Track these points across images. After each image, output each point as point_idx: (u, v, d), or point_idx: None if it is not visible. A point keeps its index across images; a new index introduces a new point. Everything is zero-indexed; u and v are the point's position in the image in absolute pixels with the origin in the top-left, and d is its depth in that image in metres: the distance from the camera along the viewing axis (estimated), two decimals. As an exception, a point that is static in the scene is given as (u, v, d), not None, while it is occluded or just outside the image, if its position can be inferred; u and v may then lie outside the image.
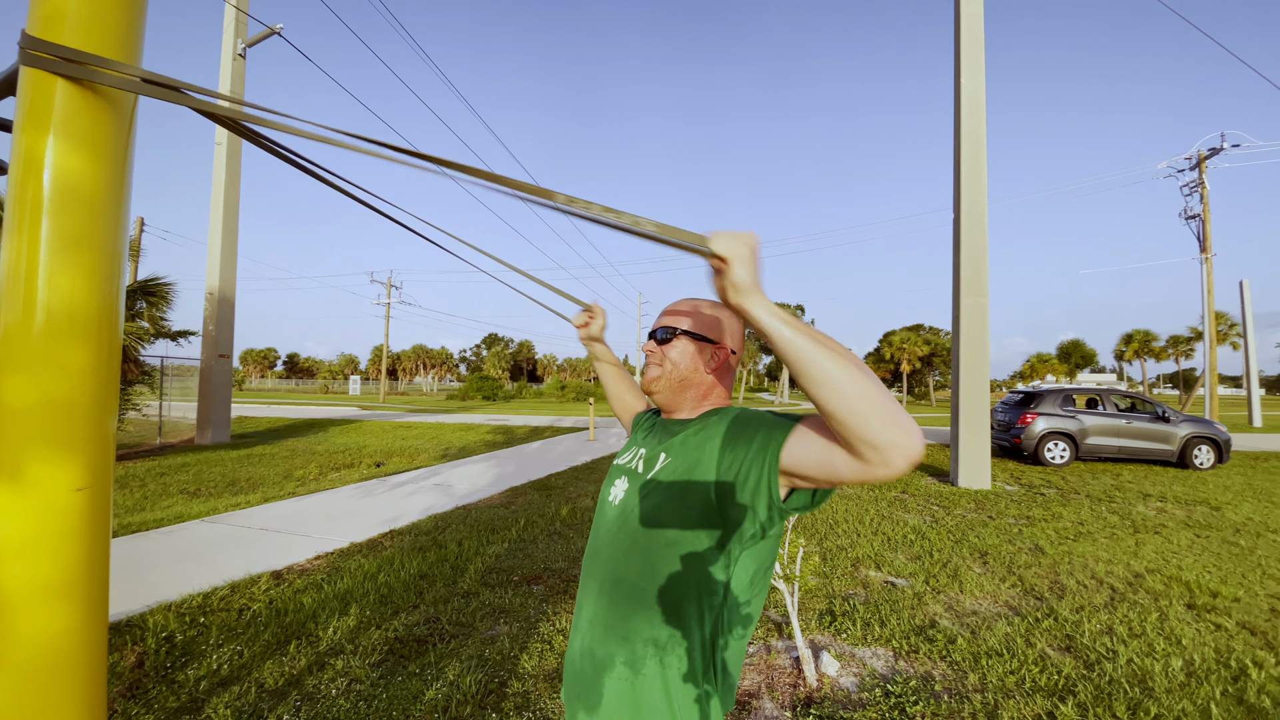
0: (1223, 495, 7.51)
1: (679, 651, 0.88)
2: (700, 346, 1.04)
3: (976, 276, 8.33)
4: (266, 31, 12.49)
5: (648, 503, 0.94)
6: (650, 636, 0.89)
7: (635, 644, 0.90)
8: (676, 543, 0.89)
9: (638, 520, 0.94)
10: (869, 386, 0.68)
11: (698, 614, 0.88)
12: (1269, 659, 3.01)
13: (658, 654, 0.88)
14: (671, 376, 1.04)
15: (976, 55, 8.51)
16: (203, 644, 2.97)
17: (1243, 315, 24.03)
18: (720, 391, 1.07)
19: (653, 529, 0.92)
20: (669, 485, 0.93)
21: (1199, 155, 22.80)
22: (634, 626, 0.90)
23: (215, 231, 12.98)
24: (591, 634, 0.95)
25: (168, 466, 9.14)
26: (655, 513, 0.92)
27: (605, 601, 0.95)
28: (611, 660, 0.91)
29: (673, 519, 0.90)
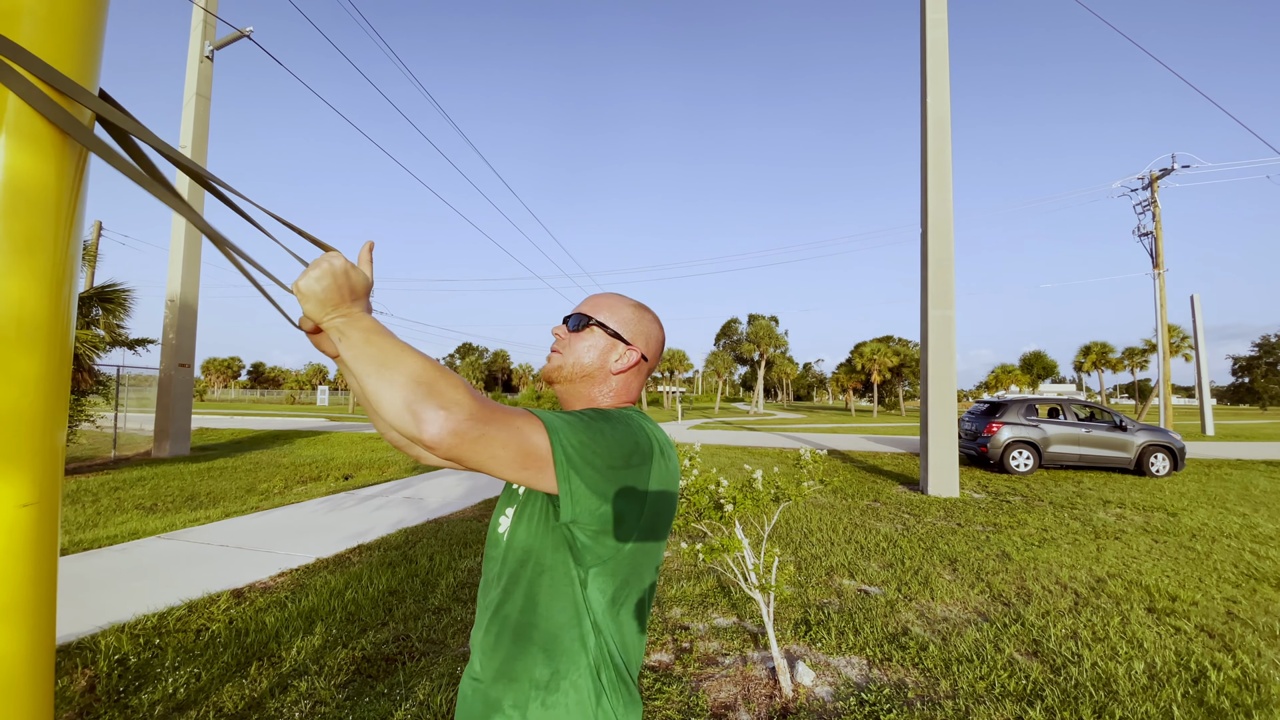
0: (1178, 502, 7.79)
1: (564, 687, 0.84)
2: (611, 343, 1.00)
3: (943, 290, 8.55)
4: (236, 34, 12.26)
5: (523, 530, 0.89)
6: (533, 678, 0.85)
7: (522, 685, 0.85)
8: (549, 569, 0.85)
9: (517, 550, 0.89)
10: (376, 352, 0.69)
11: (580, 642, 0.85)
12: (1227, 661, 3.12)
13: (540, 695, 0.84)
14: (574, 368, 0.99)
15: (941, 78, 8.80)
16: (158, 666, 2.83)
17: (1194, 328, 25.13)
18: (619, 393, 1.00)
19: (527, 558, 0.87)
20: (538, 507, 0.88)
21: (1151, 175, 23.89)
22: (519, 667, 0.86)
23: (177, 236, 12.60)
24: (482, 671, 0.90)
25: (122, 480, 8.77)
26: (528, 539, 0.88)
27: (492, 640, 0.89)
28: (499, 703, 0.86)
29: (541, 543, 0.86)
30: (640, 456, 0.85)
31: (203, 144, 12.79)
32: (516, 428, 0.74)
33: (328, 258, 0.75)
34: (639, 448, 0.85)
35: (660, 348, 1.06)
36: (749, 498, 2.92)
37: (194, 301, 12.74)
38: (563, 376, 1.00)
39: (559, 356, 1.01)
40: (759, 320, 53.89)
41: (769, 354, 54.36)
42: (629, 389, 1.02)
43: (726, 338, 58.45)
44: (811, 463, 3.23)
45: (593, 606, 0.85)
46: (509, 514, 0.95)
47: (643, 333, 1.02)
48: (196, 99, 12.57)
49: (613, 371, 0.99)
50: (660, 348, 1.06)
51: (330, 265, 0.74)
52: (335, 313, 0.73)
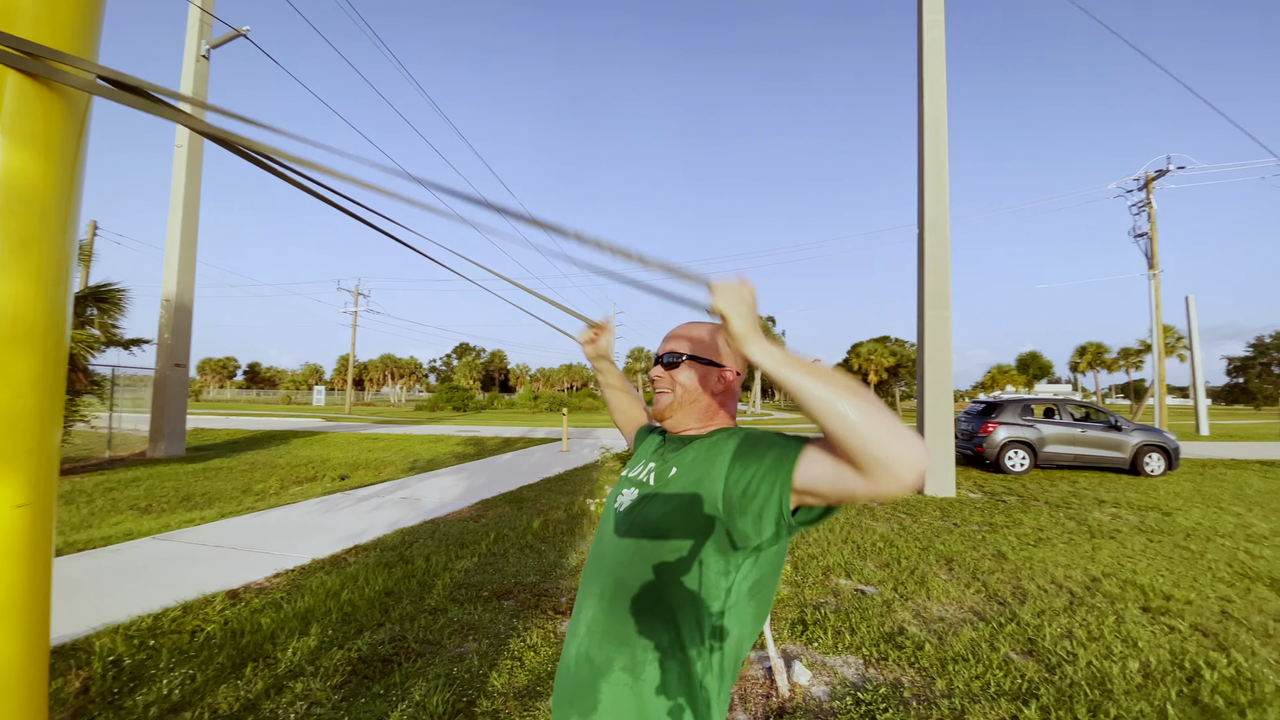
0: (1173, 501, 7.83)
1: (680, 656, 0.89)
2: (705, 370, 1.08)
3: (940, 290, 8.58)
4: (232, 33, 12.22)
5: (655, 511, 0.97)
6: (651, 641, 0.90)
7: (635, 649, 0.91)
8: (680, 550, 0.92)
9: (644, 527, 0.97)
10: (866, 409, 0.73)
11: (699, 620, 0.90)
12: (1221, 660, 3.14)
13: (658, 658, 0.89)
14: (682, 400, 1.08)
15: (938, 79, 8.82)
16: (152, 668, 2.82)
17: (1189, 329, 25.24)
18: (731, 410, 1.11)
19: (658, 537, 0.94)
20: (677, 496, 0.96)
21: (1147, 176, 23.99)
22: (635, 631, 0.92)
23: (173, 236, 12.56)
24: (589, 639, 0.96)
25: (117, 481, 8.74)
26: (663, 521, 0.95)
27: (606, 606, 0.96)
28: (610, 665, 0.92)
29: (679, 528, 0.93)
30: None
31: (199, 142, 12.75)
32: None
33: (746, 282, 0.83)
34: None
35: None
36: (746, 498, 2.92)
37: (189, 301, 12.70)
38: (674, 410, 1.10)
39: (667, 395, 1.10)
40: (756, 320, 53.92)
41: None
42: (734, 403, 1.13)
43: (723, 338, 58.52)
44: (808, 463, 3.23)
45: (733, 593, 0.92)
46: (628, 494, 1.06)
47: (726, 352, 1.10)
48: (192, 98, 12.50)
49: (714, 393, 1.09)
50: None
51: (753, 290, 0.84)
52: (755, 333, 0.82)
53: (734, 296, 0.81)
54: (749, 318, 0.81)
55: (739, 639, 0.94)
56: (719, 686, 0.91)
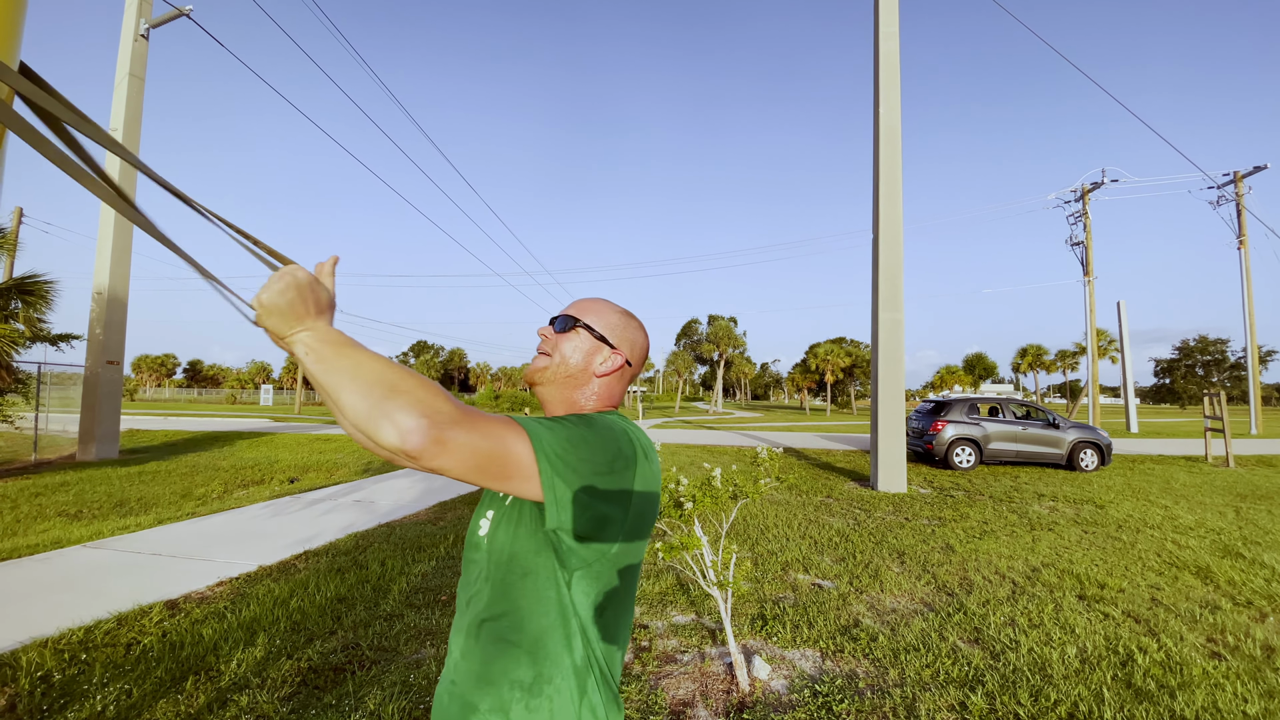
0: (1106, 494, 8.29)
1: (548, 691, 0.84)
2: (597, 346, 1.00)
3: (893, 293, 8.85)
4: (173, 13, 11.59)
5: (505, 533, 0.89)
6: (514, 678, 0.84)
7: (501, 688, 0.84)
8: (532, 571, 0.85)
9: (498, 553, 0.89)
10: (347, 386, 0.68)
11: (565, 644, 0.85)
12: (1152, 645, 3.33)
13: (524, 697, 0.83)
14: (558, 370, 0.99)
15: (893, 89, 9.10)
16: (85, 683, 2.65)
17: (1120, 332, 26.76)
18: (601, 397, 1.01)
19: (510, 561, 0.87)
20: (522, 508, 0.87)
21: (1083, 188, 25.35)
22: (498, 669, 0.85)
23: (106, 224, 11.84)
24: (459, 674, 0.89)
25: (44, 486, 8.18)
26: (511, 543, 0.87)
27: (470, 643, 0.89)
28: (476, 708, 0.85)
29: (525, 546, 0.86)
30: (624, 461, 0.85)
31: (135, 126, 12.06)
32: (499, 435, 0.73)
33: (290, 271, 0.74)
34: (621, 452, 0.85)
35: (644, 354, 1.07)
36: (708, 495, 2.95)
37: (124, 294, 12.00)
38: (547, 378, 1.00)
39: (545, 358, 1.01)
40: (719, 321, 54.56)
41: (728, 354, 55.10)
42: (611, 393, 1.03)
43: (687, 338, 58.92)
44: (768, 460, 3.29)
45: (578, 609, 0.86)
46: (489, 516, 0.95)
47: (628, 338, 1.03)
48: (129, 79, 11.84)
49: (596, 374, 1.00)
50: (644, 354, 1.07)
51: (294, 278, 0.73)
52: (299, 326, 0.73)
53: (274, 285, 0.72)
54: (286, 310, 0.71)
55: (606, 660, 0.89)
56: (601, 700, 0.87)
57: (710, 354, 55.51)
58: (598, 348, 1.01)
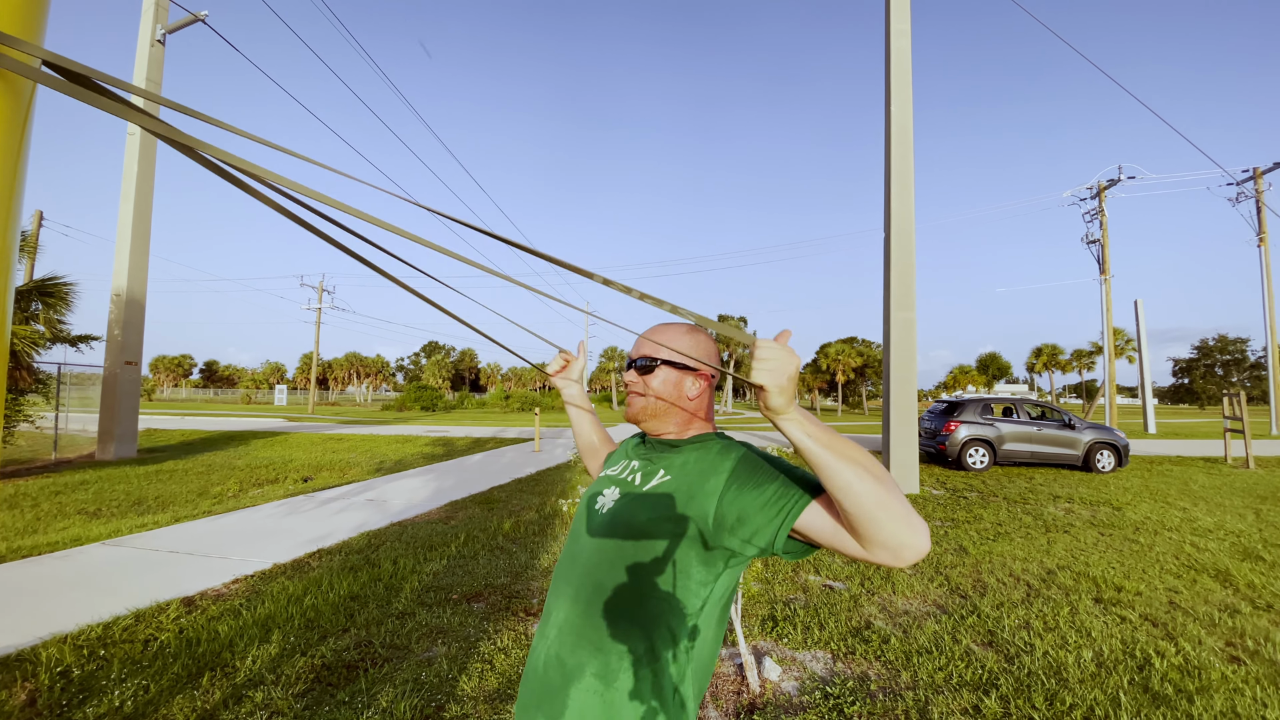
0: (1123, 496, 8.18)
1: (654, 664, 0.88)
2: (680, 375, 1.06)
3: (905, 293, 8.78)
4: (189, 18, 11.76)
5: (640, 514, 0.95)
6: (627, 648, 0.89)
7: (610, 655, 0.89)
8: (664, 557, 0.91)
9: (627, 529, 0.95)
10: (884, 495, 0.74)
11: (676, 628, 0.89)
12: (1170, 649, 3.28)
13: (633, 666, 0.88)
14: (656, 407, 1.06)
15: (904, 87, 9.02)
16: (103, 679, 2.70)
17: (1137, 331, 26.36)
18: (707, 416, 1.09)
19: (642, 540, 0.93)
20: (667, 501, 0.94)
21: (1099, 186, 25.00)
22: (610, 636, 0.90)
23: (125, 227, 12.02)
24: (560, 641, 0.94)
25: (64, 484, 8.33)
26: (649, 526, 0.93)
27: (580, 609, 0.93)
28: (582, 670, 0.90)
29: (665, 534, 0.92)
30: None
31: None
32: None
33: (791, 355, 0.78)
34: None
35: (719, 357, 1.13)
36: (717, 497, 2.94)
37: (141, 296, 12.18)
38: (649, 415, 1.07)
39: (640, 400, 1.08)
40: (729, 320, 54.44)
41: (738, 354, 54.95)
42: (709, 408, 1.11)
43: (695, 338, 58.80)
44: (779, 461, 3.27)
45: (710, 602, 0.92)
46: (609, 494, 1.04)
47: (703, 354, 1.09)
48: (146, 84, 12.02)
49: (690, 398, 1.07)
50: (719, 357, 1.13)
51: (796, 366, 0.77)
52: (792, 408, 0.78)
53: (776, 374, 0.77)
54: (788, 392, 0.78)
55: (711, 646, 0.94)
56: (693, 694, 0.91)
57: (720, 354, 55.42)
58: (683, 376, 1.07)
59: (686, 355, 1.06)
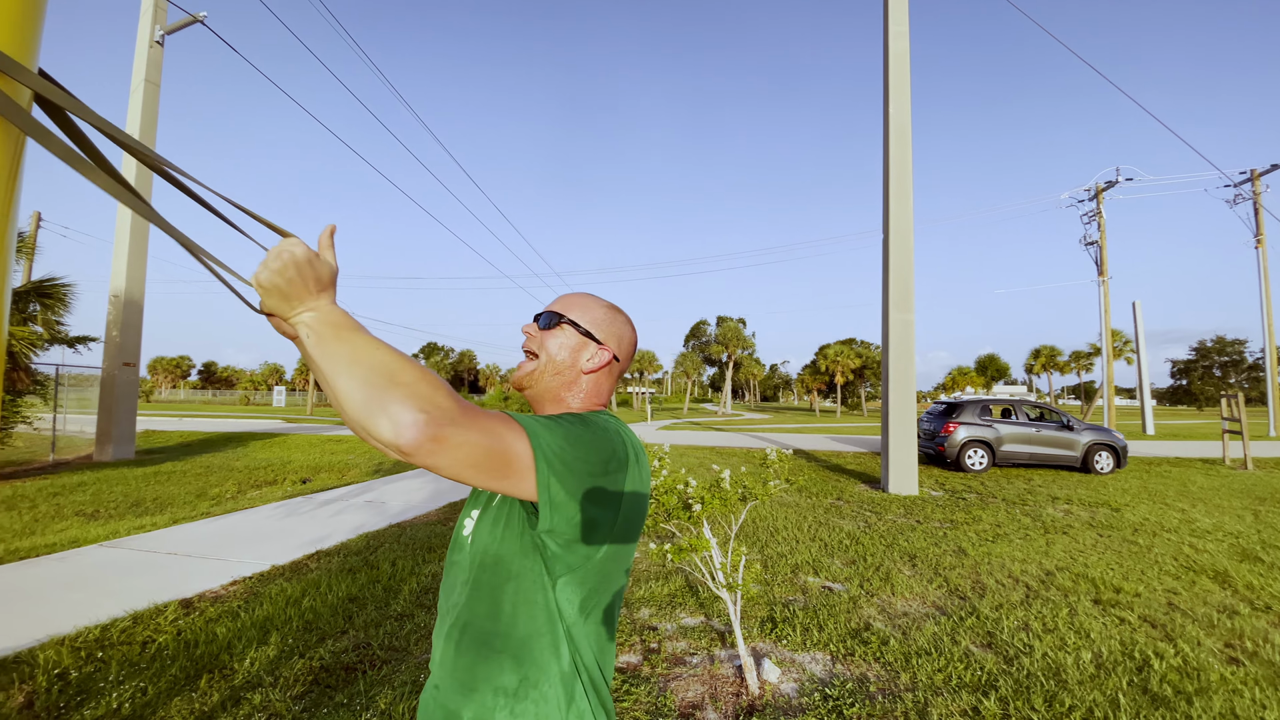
0: (1122, 498, 8.18)
1: (533, 695, 0.81)
2: (583, 342, 0.98)
3: (904, 294, 8.79)
4: (188, 19, 11.76)
5: (490, 534, 0.86)
6: (498, 685, 0.82)
7: (484, 694, 0.82)
8: (518, 575, 0.83)
9: (482, 555, 0.86)
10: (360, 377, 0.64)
11: (551, 650, 0.82)
12: (1169, 650, 3.28)
13: (508, 704, 0.81)
14: (546, 368, 0.97)
15: (903, 88, 9.04)
16: (101, 681, 2.69)
17: (1135, 333, 26.41)
18: (589, 394, 0.99)
19: (495, 564, 0.84)
20: (505, 513, 0.86)
21: (1097, 187, 25.06)
22: (480, 675, 0.83)
23: (122, 228, 12.01)
24: (442, 680, 0.87)
25: (62, 486, 8.31)
26: (497, 545, 0.85)
27: (453, 648, 0.86)
28: (458, 715, 0.83)
29: (511, 549, 0.83)
30: (617, 463, 0.83)
31: (151, 132, 12.24)
32: (497, 433, 0.71)
33: (287, 245, 0.69)
34: (615, 454, 0.84)
35: (632, 349, 1.05)
36: (717, 497, 2.94)
37: (140, 297, 12.16)
38: (535, 380, 0.98)
39: (532, 361, 0.98)
40: (727, 322, 54.43)
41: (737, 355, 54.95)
42: (600, 390, 1.00)
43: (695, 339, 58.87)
44: (777, 462, 3.27)
45: (564, 613, 0.83)
46: (474, 516, 0.92)
47: (615, 333, 1.01)
48: (145, 85, 12.01)
49: (584, 371, 0.98)
50: (632, 349, 1.05)
51: (292, 255, 0.68)
52: (301, 306, 0.69)
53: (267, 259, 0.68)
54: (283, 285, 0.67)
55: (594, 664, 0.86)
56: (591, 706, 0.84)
57: (719, 355, 55.37)
58: (584, 344, 0.98)
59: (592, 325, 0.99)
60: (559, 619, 0.83)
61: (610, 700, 0.89)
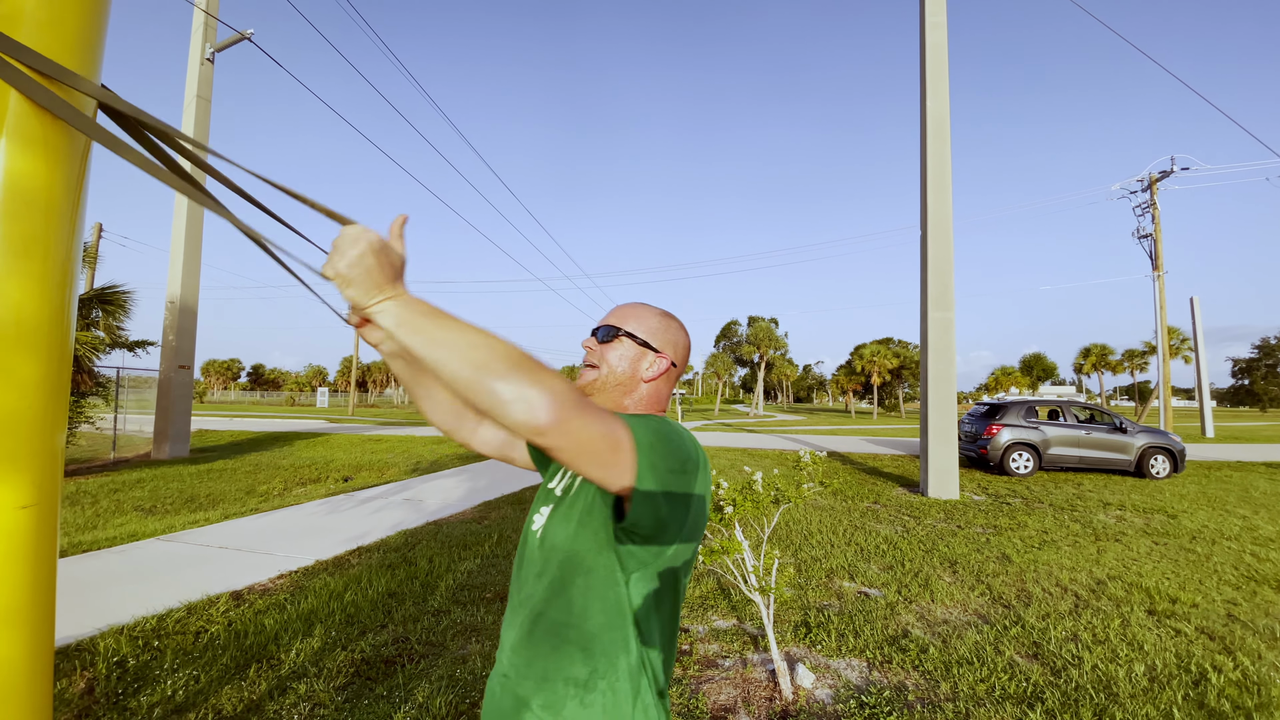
0: (1179, 504, 7.79)
1: (602, 687, 0.84)
2: (641, 352, 1.01)
3: (943, 291, 8.55)
4: (236, 36, 12.28)
5: (563, 530, 0.90)
6: (569, 675, 0.84)
7: (555, 684, 0.85)
8: (592, 570, 0.86)
9: (554, 551, 0.90)
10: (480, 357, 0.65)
11: (621, 644, 0.85)
12: (1228, 663, 3.12)
13: (579, 694, 0.84)
14: (607, 380, 1.00)
15: (941, 80, 8.81)
16: (157, 669, 2.83)
17: (1193, 330, 25.14)
18: (650, 401, 1.02)
19: (569, 559, 0.87)
20: (582, 509, 0.89)
21: (1150, 178, 23.91)
22: (553, 665, 0.86)
23: (178, 237, 12.61)
24: (512, 669, 0.90)
25: (122, 482, 8.77)
26: (570, 542, 0.88)
27: (524, 638, 0.90)
28: (528, 703, 0.86)
29: (586, 544, 0.86)
30: (692, 464, 0.87)
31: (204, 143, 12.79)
32: (611, 423, 0.74)
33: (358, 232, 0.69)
34: (691, 455, 0.87)
35: (687, 354, 1.08)
36: (749, 500, 2.92)
37: (194, 303, 12.74)
38: (596, 389, 1.01)
39: (592, 370, 1.01)
40: (759, 322, 53.88)
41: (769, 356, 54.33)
42: (659, 396, 1.04)
43: (726, 339, 58.41)
44: (811, 464, 3.23)
45: (635, 609, 0.86)
46: (544, 513, 0.96)
47: (670, 340, 1.04)
48: (197, 101, 12.58)
49: (644, 379, 1.01)
50: (687, 354, 1.08)
51: (367, 240, 0.68)
52: (380, 295, 0.68)
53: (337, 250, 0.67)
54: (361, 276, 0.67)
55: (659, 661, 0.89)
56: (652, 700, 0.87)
57: (750, 356, 54.82)
58: (642, 353, 1.01)
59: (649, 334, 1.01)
60: (629, 614, 0.86)
61: (667, 698, 0.92)
